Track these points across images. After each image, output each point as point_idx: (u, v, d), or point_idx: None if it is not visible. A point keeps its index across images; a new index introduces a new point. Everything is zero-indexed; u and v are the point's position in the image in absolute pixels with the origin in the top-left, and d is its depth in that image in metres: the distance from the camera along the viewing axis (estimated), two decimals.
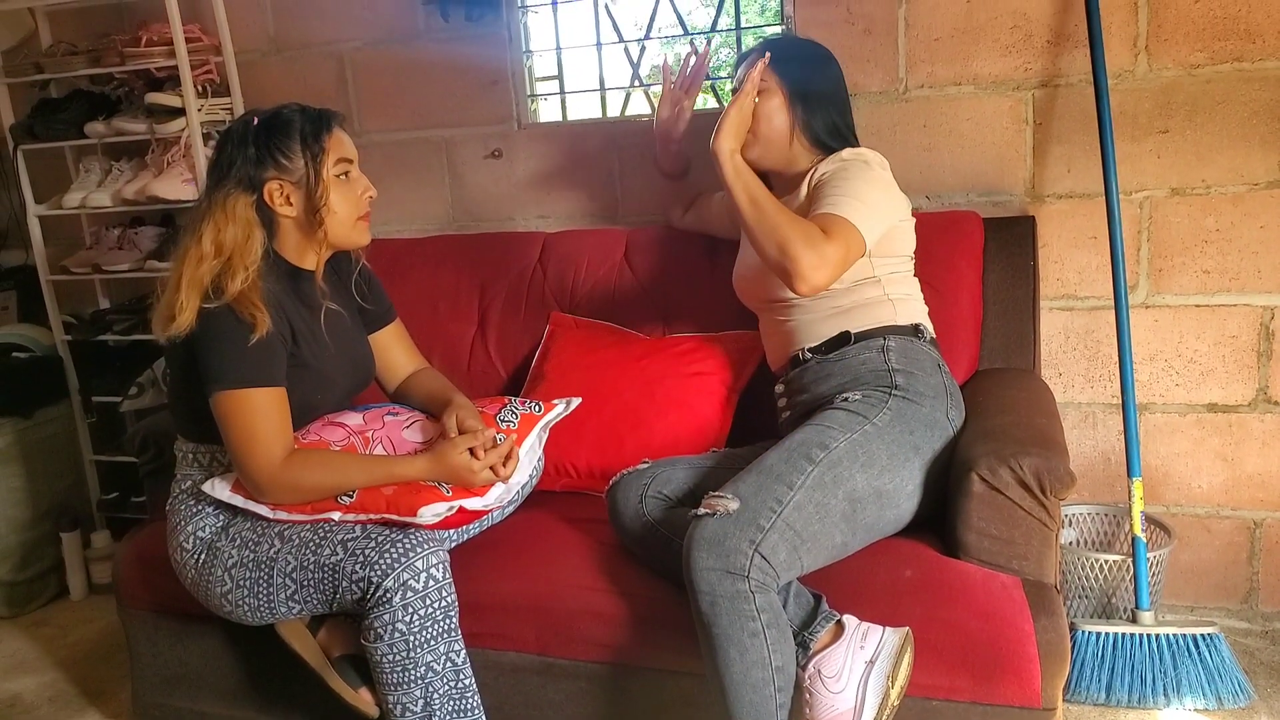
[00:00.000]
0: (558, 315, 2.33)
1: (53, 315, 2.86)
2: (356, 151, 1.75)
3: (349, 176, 1.72)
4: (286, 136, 1.66)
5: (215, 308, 1.60)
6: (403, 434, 1.75)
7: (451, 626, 1.61)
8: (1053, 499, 1.58)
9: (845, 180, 1.77)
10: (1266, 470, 2.23)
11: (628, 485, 1.79)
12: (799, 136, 1.90)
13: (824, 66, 1.94)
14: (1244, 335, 2.19)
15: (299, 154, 1.66)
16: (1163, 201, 2.18)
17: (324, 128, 1.69)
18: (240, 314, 1.60)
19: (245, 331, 1.59)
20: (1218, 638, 1.97)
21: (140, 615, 2.01)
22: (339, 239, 1.73)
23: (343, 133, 1.73)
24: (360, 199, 1.74)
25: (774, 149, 1.90)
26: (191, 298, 1.60)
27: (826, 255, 1.64)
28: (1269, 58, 2.06)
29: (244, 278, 1.62)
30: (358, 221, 1.74)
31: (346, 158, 1.72)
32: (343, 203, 1.71)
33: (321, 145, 1.67)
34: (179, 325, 1.60)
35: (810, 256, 1.63)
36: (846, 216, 1.70)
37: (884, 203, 1.78)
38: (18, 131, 2.76)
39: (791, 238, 1.64)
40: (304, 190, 1.68)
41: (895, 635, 1.51)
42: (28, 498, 2.77)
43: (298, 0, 2.70)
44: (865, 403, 1.71)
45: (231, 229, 1.64)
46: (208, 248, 1.63)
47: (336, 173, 1.69)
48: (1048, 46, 2.17)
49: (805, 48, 1.99)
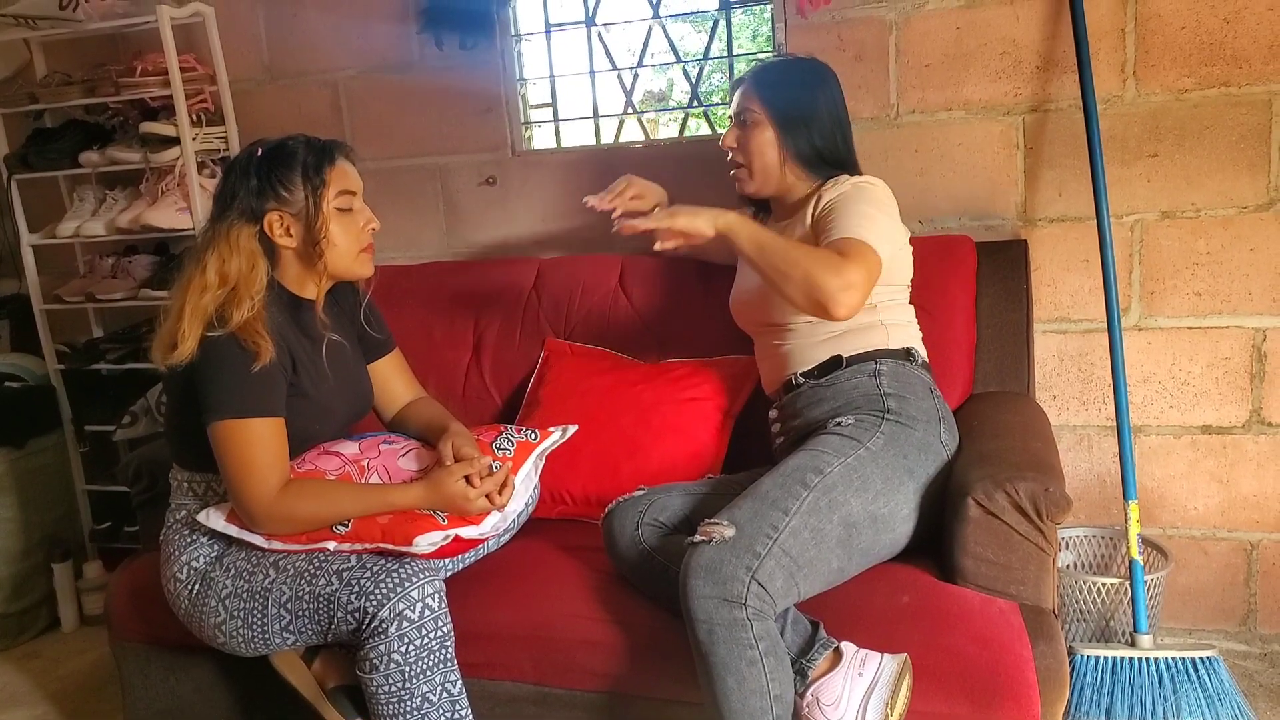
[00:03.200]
0: (553, 341, 2.33)
1: (46, 344, 2.85)
2: (361, 183, 1.75)
3: (352, 209, 1.72)
4: (288, 168, 1.67)
5: (219, 336, 1.59)
6: (398, 462, 1.74)
7: (447, 657, 1.60)
8: (1049, 523, 1.58)
9: (852, 203, 1.78)
10: (1261, 492, 2.23)
11: (623, 512, 1.78)
12: (791, 166, 1.90)
13: (815, 89, 1.91)
14: (1236, 357, 2.20)
15: (300, 186, 1.66)
16: (1153, 225, 2.20)
17: (326, 160, 1.69)
18: (244, 342, 1.59)
19: (248, 360, 1.59)
20: (1217, 661, 1.96)
21: (132, 647, 1.99)
22: (340, 270, 1.73)
23: (348, 164, 1.73)
24: (362, 231, 1.73)
25: (770, 180, 1.91)
26: (194, 327, 1.60)
27: (850, 277, 1.63)
28: (1255, 82, 2.08)
29: (249, 306, 1.62)
30: (360, 254, 1.74)
31: (349, 190, 1.71)
32: (343, 235, 1.70)
33: (323, 178, 1.67)
34: (180, 354, 1.60)
35: (835, 281, 1.62)
36: (858, 236, 1.70)
37: (890, 225, 1.79)
38: (12, 161, 2.76)
39: (812, 269, 1.63)
40: (304, 222, 1.68)
41: (893, 662, 1.50)
42: (19, 528, 2.75)
43: (292, 29, 2.71)
44: (858, 427, 1.71)
45: (236, 259, 1.64)
46: (211, 278, 1.63)
47: (338, 205, 1.69)
48: (1037, 72, 2.19)
49: (795, 71, 1.95)
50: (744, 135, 1.91)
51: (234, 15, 2.71)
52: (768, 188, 1.92)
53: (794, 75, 1.94)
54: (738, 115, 1.93)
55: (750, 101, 1.90)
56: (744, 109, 1.91)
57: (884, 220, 1.77)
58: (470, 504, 1.67)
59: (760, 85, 1.90)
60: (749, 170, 1.91)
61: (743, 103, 1.91)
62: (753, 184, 1.92)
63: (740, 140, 1.92)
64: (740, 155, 1.93)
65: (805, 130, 1.88)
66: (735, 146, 1.93)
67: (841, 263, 1.64)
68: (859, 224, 1.72)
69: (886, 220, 1.79)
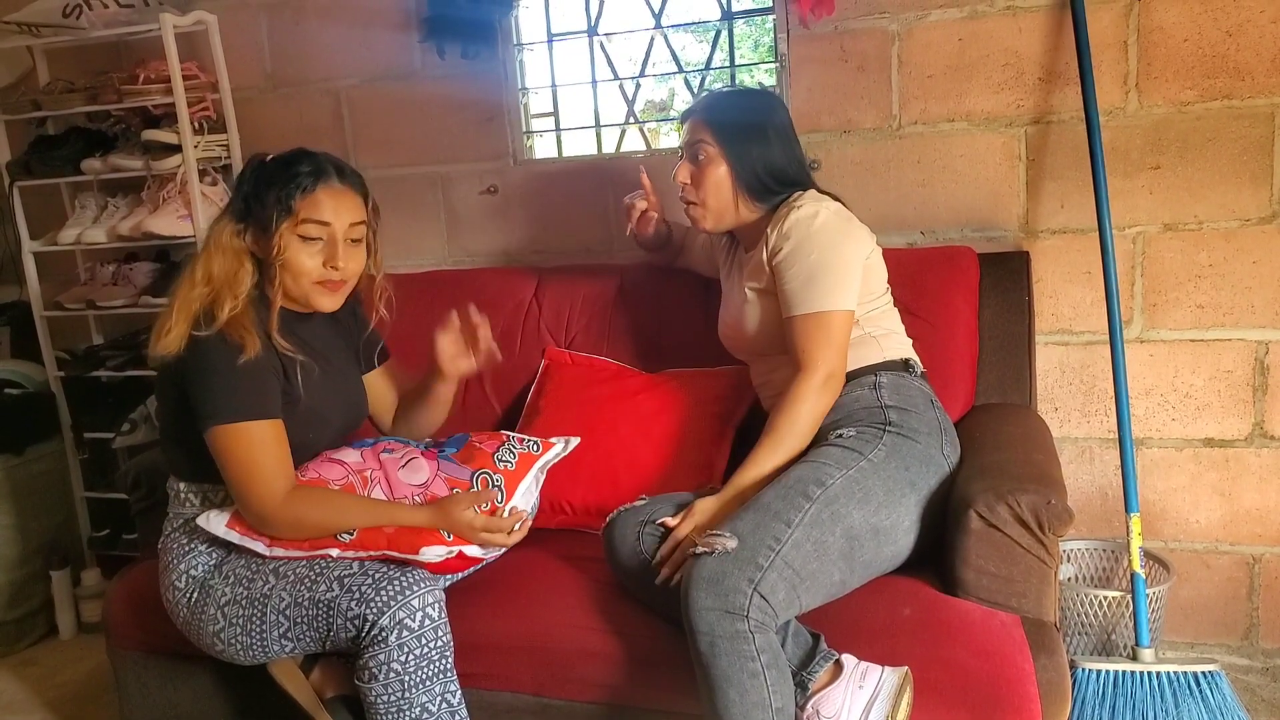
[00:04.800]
0: (553, 351, 2.32)
1: (46, 351, 2.84)
2: (353, 215, 1.69)
3: (321, 239, 1.66)
4: (269, 185, 1.66)
5: (205, 335, 1.61)
6: (399, 474, 1.73)
7: (447, 667, 1.59)
8: (1051, 536, 1.58)
9: (801, 257, 1.75)
10: (1264, 505, 2.22)
11: (624, 522, 1.77)
12: (744, 200, 1.86)
13: (766, 119, 1.86)
14: (1239, 370, 2.19)
15: (270, 205, 1.65)
16: (1155, 237, 2.19)
17: (299, 189, 1.64)
18: (229, 338, 1.60)
19: (234, 355, 1.60)
20: (1219, 675, 1.95)
21: (130, 655, 1.99)
22: (296, 297, 1.70)
23: (337, 197, 1.67)
24: (322, 267, 1.68)
25: (726, 216, 1.88)
26: (180, 321, 1.62)
27: (818, 376, 1.72)
28: (1258, 95, 2.08)
29: (232, 306, 1.63)
30: (315, 285, 1.69)
31: (321, 220, 1.66)
32: (300, 263, 1.66)
33: (289, 205, 1.64)
34: (166, 346, 1.61)
35: (821, 399, 1.73)
36: (818, 310, 1.73)
37: (846, 259, 1.77)
38: (14, 168, 2.76)
39: (807, 417, 1.72)
40: (262, 240, 1.67)
41: (894, 675, 1.50)
42: (17, 535, 2.74)
43: (295, 38, 2.72)
44: (860, 439, 1.71)
45: (220, 258, 1.67)
46: (199, 275, 1.66)
47: (301, 233, 1.65)
48: (1039, 84, 2.19)
49: (745, 102, 1.94)
50: (698, 172, 1.86)
51: (236, 24, 2.72)
52: (723, 223, 1.90)
53: (745, 106, 1.91)
54: (689, 148, 1.87)
55: (702, 133, 1.85)
56: (696, 141, 1.86)
57: (837, 263, 1.75)
58: (476, 535, 1.66)
59: (712, 116, 1.86)
60: (703, 207, 1.87)
61: (694, 134, 1.86)
62: (708, 220, 1.89)
63: (695, 176, 1.86)
64: (694, 193, 1.88)
65: (758, 159, 1.84)
66: (689, 183, 1.88)
67: (812, 373, 1.72)
68: (811, 291, 1.74)
69: (840, 260, 1.76)
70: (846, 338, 1.76)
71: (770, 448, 1.72)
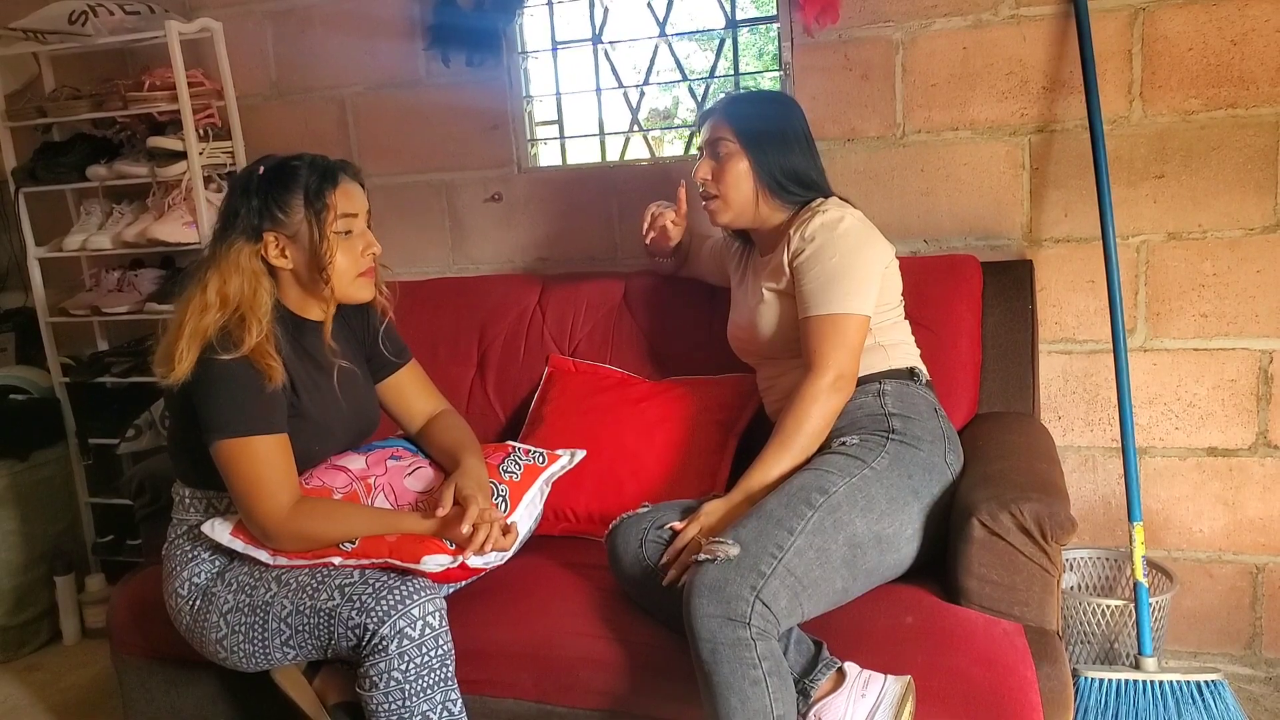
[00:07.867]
0: (557, 358, 2.33)
1: (51, 357, 2.85)
2: (366, 204, 1.72)
3: (351, 232, 1.68)
4: (288, 190, 1.65)
5: (230, 360, 1.58)
6: (404, 481, 1.74)
7: (448, 675, 1.59)
8: (1054, 544, 1.58)
9: (823, 259, 1.77)
10: (1268, 515, 2.22)
11: (627, 530, 1.77)
12: (765, 198, 1.87)
13: (785, 119, 1.89)
14: (1243, 379, 2.19)
15: (299, 209, 1.64)
16: (1159, 246, 2.19)
17: (329, 183, 1.66)
18: (256, 365, 1.59)
19: (258, 381, 1.59)
20: (1222, 685, 1.95)
21: (134, 661, 1.99)
22: (339, 295, 1.71)
23: (352, 185, 1.70)
24: (361, 256, 1.70)
25: (746, 211, 1.89)
26: (192, 347, 1.59)
27: (827, 378, 1.72)
28: (1262, 104, 2.08)
29: (259, 330, 1.61)
30: (357, 278, 1.71)
31: (350, 213, 1.68)
32: (343, 259, 1.68)
33: (324, 202, 1.64)
34: (177, 374, 1.59)
35: (832, 401, 1.73)
36: (834, 312, 1.74)
37: (867, 264, 1.79)
38: (20, 174, 2.77)
39: (816, 420, 1.73)
40: (303, 246, 1.66)
41: (897, 683, 1.50)
42: (22, 541, 2.75)
43: (300, 46, 2.73)
44: (863, 446, 1.71)
45: (237, 280, 1.63)
46: (212, 298, 1.62)
47: (339, 229, 1.66)
48: (1043, 92, 2.20)
49: (764, 102, 1.97)
50: (719, 167, 1.88)
51: (242, 31, 2.73)
52: (742, 219, 1.91)
53: (764, 106, 1.94)
54: (710, 145, 1.90)
55: (723, 131, 1.87)
56: (717, 139, 1.88)
57: (858, 268, 1.77)
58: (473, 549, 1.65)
59: (733, 115, 1.88)
60: (724, 201, 1.89)
61: (715, 133, 1.88)
62: (728, 214, 1.90)
63: (715, 172, 1.88)
64: (715, 187, 1.89)
65: (778, 160, 1.86)
66: (710, 178, 1.90)
67: (823, 373, 1.73)
68: (830, 293, 1.75)
69: (862, 263, 1.78)
70: (861, 342, 1.77)
71: (779, 449, 1.72)
